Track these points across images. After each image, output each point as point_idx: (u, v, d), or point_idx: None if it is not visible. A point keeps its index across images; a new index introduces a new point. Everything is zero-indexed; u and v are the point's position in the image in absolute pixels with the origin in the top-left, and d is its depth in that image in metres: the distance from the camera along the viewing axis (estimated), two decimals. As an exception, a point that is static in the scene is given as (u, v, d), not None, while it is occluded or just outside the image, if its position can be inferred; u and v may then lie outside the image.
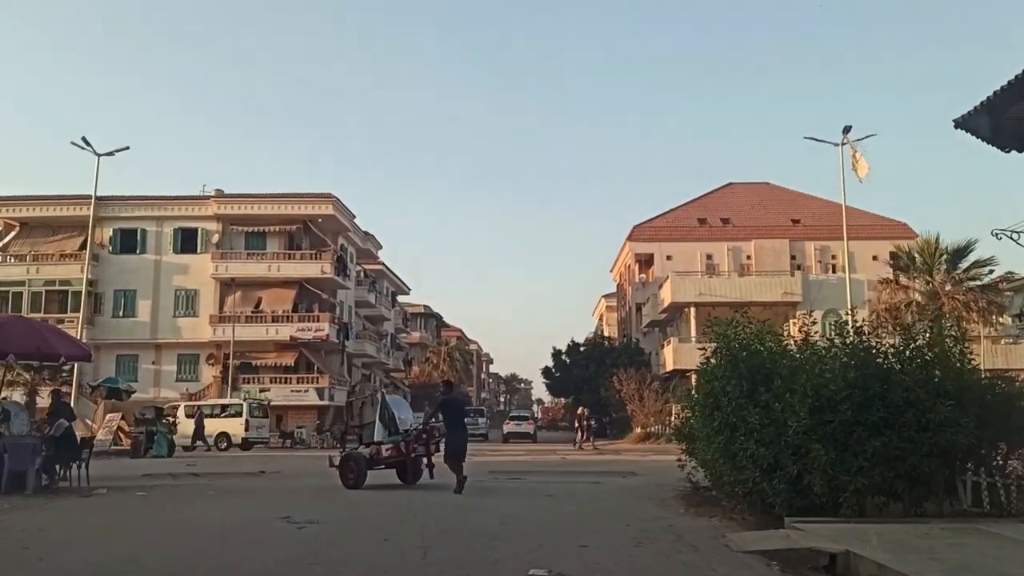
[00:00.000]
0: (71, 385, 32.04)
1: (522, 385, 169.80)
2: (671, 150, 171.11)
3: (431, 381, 79.33)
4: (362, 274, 57.62)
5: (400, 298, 73.70)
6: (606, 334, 75.82)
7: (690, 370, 49.47)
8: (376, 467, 15.33)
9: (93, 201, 33.12)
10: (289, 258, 46.77)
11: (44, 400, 35.18)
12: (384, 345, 62.66)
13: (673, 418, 46.43)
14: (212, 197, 46.85)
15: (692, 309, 47.99)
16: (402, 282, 70.01)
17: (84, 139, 29.14)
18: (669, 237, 60.79)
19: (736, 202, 64.11)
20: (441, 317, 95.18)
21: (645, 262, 62.20)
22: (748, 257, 56.94)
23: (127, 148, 30.66)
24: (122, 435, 27.57)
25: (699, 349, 13.15)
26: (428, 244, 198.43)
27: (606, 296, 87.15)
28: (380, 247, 60.07)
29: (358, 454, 15.60)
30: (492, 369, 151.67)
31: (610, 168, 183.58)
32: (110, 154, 30.74)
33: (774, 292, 47.05)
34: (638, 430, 45.86)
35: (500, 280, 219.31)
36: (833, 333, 11.26)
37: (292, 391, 45.37)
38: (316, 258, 46.66)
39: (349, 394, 52.78)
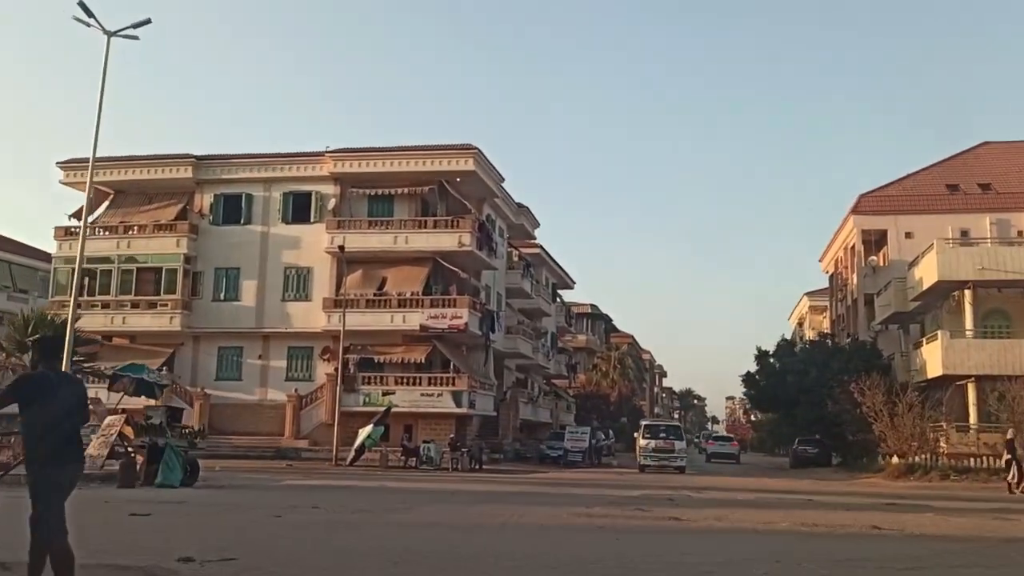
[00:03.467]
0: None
1: (695, 402, 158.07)
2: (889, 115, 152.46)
3: (600, 391, 68.17)
4: (514, 256, 47.14)
5: (563, 294, 62.67)
6: (807, 339, 61.50)
7: (966, 376, 35.87)
8: None
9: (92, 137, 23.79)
10: (420, 227, 36.87)
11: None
12: (543, 345, 51.91)
13: (944, 444, 33.11)
14: (328, 153, 37.71)
15: (967, 291, 34.27)
16: (565, 273, 59.03)
17: (83, 4, 19.95)
18: (908, 208, 47.21)
19: (996, 164, 49.58)
20: (610, 319, 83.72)
21: (875, 242, 48.56)
22: (1020, 232, 42.39)
23: (148, 22, 21.33)
24: (130, 449, 17.85)
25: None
26: (587, 238, 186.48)
27: (810, 294, 72.94)
28: (537, 225, 49.45)
29: None
30: (664, 383, 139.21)
31: (801, 153, 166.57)
32: (128, 35, 21.39)
33: (1101, 265, 32.62)
34: (894, 460, 32.62)
35: (671, 286, 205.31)
36: None
37: (422, 395, 35.35)
38: (453, 226, 36.47)
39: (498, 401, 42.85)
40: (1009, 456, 24.69)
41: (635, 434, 35.94)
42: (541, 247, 52.19)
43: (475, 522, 11.54)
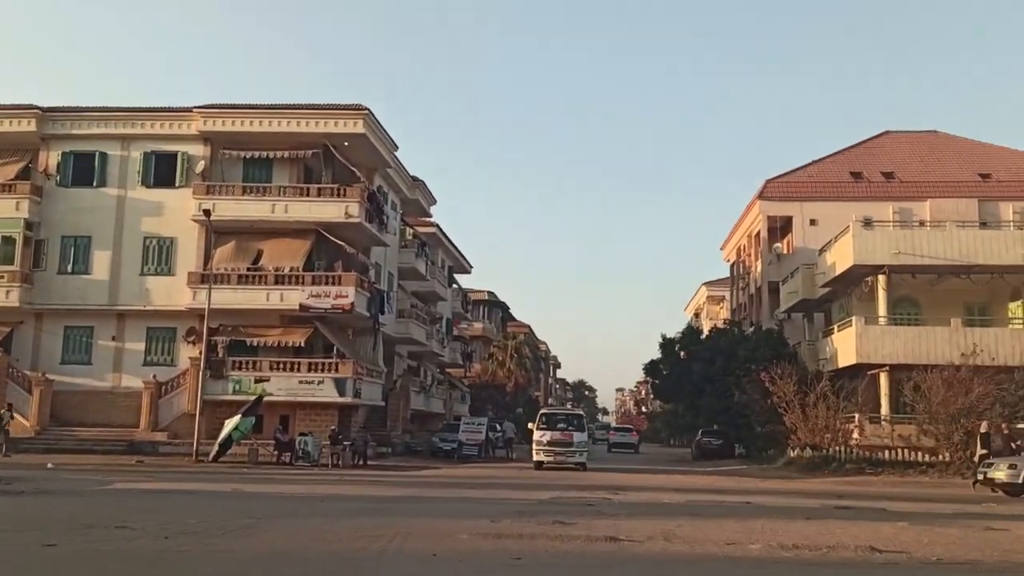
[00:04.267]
0: None
1: (587, 393, 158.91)
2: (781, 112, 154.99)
3: (496, 381, 65.34)
4: (408, 233, 43.64)
5: (459, 279, 59.32)
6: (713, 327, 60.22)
7: (880, 365, 34.38)
8: None
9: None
10: (302, 194, 33.00)
11: None
12: (437, 331, 48.60)
13: (857, 436, 31.60)
14: (197, 109, 33.40)
15: (881, 277, 32.88)
16: (462, 256, 55.77)
17: None
18: (813, 195, 46.33)
19: (899, 153, 49.32)
20: (507, 307, 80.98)
21: (780, 229, 47.35)
22: (921, 222, 41.83)
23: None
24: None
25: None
26: (483, 224, 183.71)
27: (709, 284, 72.01)
28: (434, 202, 46.06)
29: None
30: (558, 375, 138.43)
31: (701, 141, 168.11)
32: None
33: (1011, 251, 31.64)
34: (807, 452, 30.86)
35: (567, 277, 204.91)
36: None
37: (301, 382, 31.58)
38: (339, 195, 32.80)
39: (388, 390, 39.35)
40: (984, 451, 22.84)
41: (529, 425, 32.30)
42: (437, 226, 48.83)
43: (340, 548, 8.28)
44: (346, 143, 33.56)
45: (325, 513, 11.73)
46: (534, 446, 29.04)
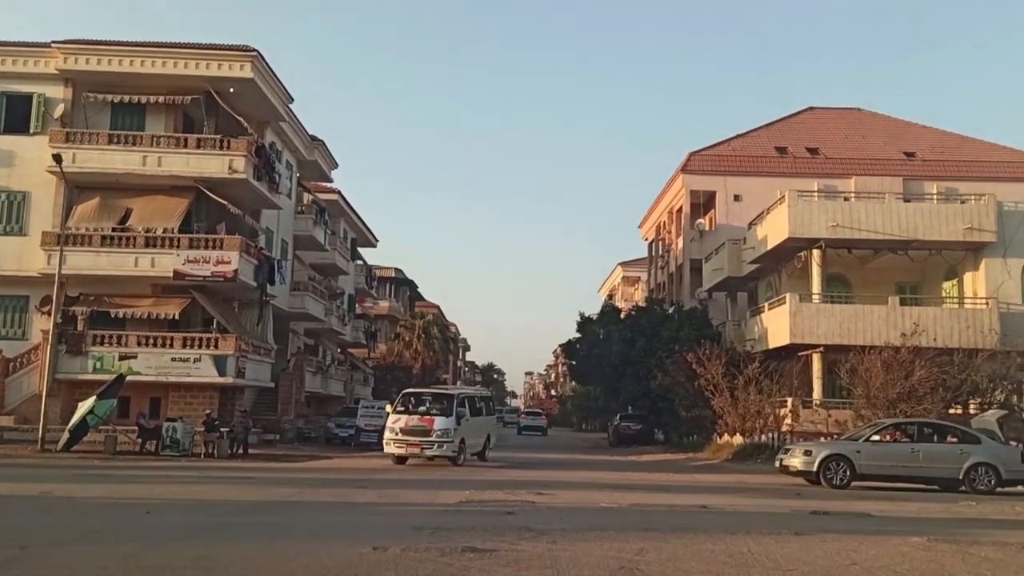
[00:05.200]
0: None
1: (496, 376, 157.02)
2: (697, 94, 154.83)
3: (402, 363, 61.74)
4: (306, 198, 39.65)
5: (364, 253, 55.37)
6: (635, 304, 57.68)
7: (813, 346, 32.26)
8: None
9: None
10: (179, 145, 28.82)
11: None
12: (338, 308, 44.81)
13: (790, 421, 29.47)
14: (56, 45, 28.81)
15: (816, 251, 30.81)
16: (367, 228, 51.90)
17: None
18: (738, 169, 44.55)
19: (823, 130, 48.08)
20: (416, 286, 77.34)
21: (703, 206, 45.33)
22: (846, 199, 40.40)
23: None
24: None
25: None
26: (390, 199, 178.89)
27: (624, 264, 69.89)
28: (335, 166, 42.10)
29: None
30: (468, 357, 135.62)
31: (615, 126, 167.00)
32: None
33: (952, 227, 29.88)
34: (736, 439, 28.60)
35: (474, 255, 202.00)
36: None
37: (175, 360, 27.56)
38: (222, 147, 28.77)
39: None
40: None
41: (387, 407, 25.17)
42: (339, 193, 44.91)
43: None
44: (232, 89, 29.50)
45: (138, 535, 8.27)
46: (387, 433, 22.48)
